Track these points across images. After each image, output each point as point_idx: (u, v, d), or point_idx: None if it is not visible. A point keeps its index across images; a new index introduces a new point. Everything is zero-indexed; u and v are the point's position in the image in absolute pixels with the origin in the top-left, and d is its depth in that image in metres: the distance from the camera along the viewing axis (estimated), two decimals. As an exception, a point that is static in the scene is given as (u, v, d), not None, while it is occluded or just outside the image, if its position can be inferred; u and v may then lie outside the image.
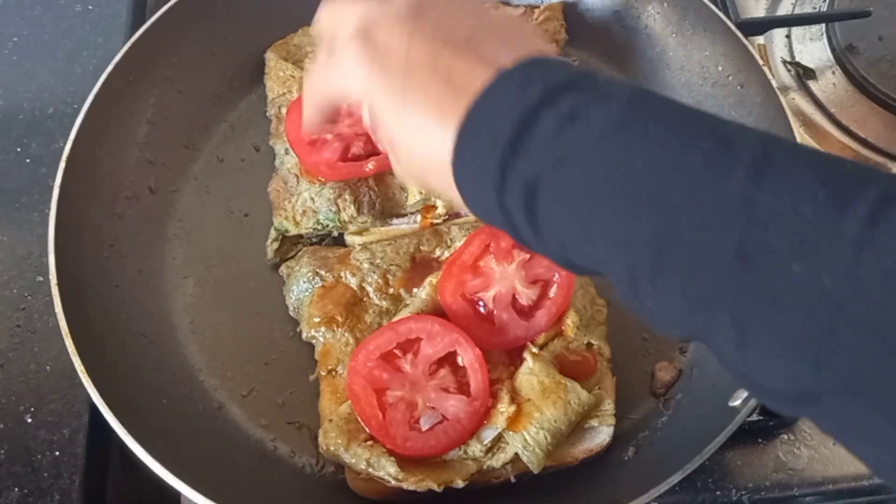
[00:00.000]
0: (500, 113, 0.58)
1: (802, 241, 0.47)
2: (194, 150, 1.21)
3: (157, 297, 1.10)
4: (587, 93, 0.57)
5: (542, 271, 1.01)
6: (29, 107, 1.23)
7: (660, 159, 0.52)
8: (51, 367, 1.04)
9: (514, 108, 0.57)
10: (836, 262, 0.46)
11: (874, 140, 1.27)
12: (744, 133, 0.53)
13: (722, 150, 0.52)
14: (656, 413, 1.04)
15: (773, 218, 0.48)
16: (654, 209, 0.52)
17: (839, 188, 0.48)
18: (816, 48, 1.36)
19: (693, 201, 0.51)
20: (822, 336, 0.46)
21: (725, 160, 0.51)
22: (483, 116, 0.59)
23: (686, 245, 0.51)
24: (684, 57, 1.23)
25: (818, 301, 0.46)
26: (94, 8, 1.33)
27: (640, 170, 0.53)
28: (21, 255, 1.11)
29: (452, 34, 0.64)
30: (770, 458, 1.04)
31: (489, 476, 0.95)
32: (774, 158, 0.51)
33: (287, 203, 1.11)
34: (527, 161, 0.56)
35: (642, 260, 0.53)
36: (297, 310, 1.07)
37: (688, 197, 0.51)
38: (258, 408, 1.04)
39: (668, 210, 0.52)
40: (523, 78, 0.59)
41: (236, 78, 1.26)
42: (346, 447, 0.93)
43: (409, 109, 0.63)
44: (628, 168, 0.53)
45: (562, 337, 1.01)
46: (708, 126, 0.54)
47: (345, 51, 0.68)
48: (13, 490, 0.97)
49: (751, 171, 0.50)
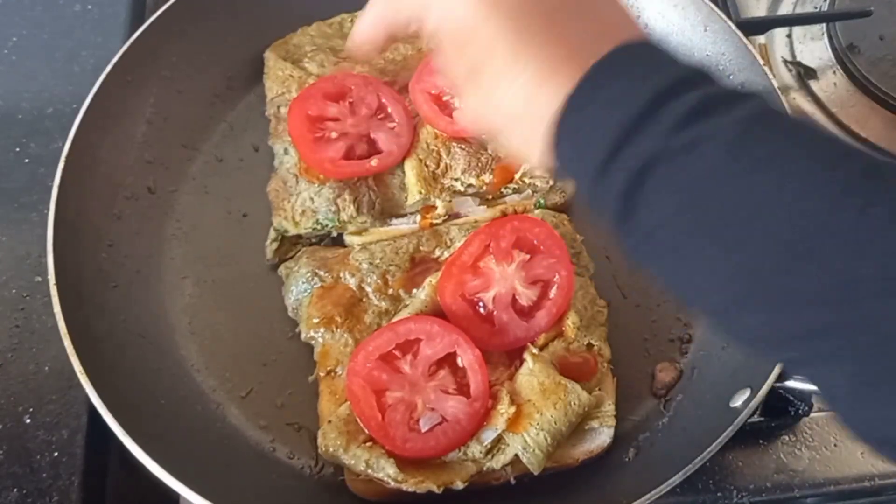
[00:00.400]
0: (625, 86, 0.57)
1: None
2: (193, 149, 1.21)
3: (155, 298, 1.10)
4: (714, 90, 0.56)
5: (543, 272, 1.00)
6: (28, 107, 1.23)
7: (794, 183, 0.50)
8: (49, 368, 1.04)
9: (642, 87, 0.56)
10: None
11: (875, 140, 1.27)
12: (877, 165, 0.51)
13: (860, 180, 0.49)
14: (657, 414, 1.04)
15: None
16: (773, 232, 0.49)
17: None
18: (817, 48, 1.36)
19: (825, 229, 0.48)
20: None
21: (863, 189, 0.49)
22: (605, 82, 0.58)
23: (811, 270, 0.48)
24: (684, 57, 1.22)
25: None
26: (93, 8, 1.33)
27: (770, 187, 0.50)
28: (20, 255, 1.11)
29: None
30: (771, 460, 1.03)
31: (489, 477, 0.95)
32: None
33: (286, 203, 1.11)
34: (649, 140, 0.54)
35: (756, 281, 0.51)
36: (296, 310, 1.07)
37: (822, 224, 0.48)
38: (257, 409, 1.04)
39: (791, 235, 0.49)
40: (649, 58, 0.59)
41: (235, 78, 1.25)
42: (346, 448, 0.93)
43: (519, 57, 0.61)
44: (757, 182, 0.51)
45: (562, 338, 1.01)
46: (843, 153, 0.52)
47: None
48: (12, 490, 0.96)
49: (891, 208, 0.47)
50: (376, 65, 1.19)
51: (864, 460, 1.04)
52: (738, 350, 1.02)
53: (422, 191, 1.10)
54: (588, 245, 1.09)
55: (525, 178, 1.12)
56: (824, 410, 1.06)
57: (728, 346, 1.05)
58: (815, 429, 1.06)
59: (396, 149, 1.12)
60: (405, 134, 1.13)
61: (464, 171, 1.11)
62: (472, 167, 1.11)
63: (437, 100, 1.14)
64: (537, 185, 1.13)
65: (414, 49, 1.21)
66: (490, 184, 1.12)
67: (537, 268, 1.00)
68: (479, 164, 1.11)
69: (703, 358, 1.07)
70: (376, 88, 1.15)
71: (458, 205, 1.13)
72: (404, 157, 1.12)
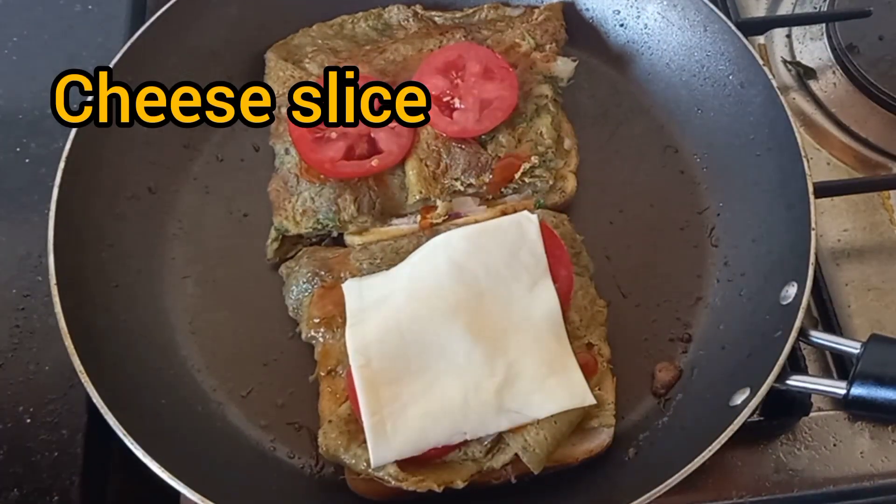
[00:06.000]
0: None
1: None
2: (194, 150, 1.21)
3: (156, 298, 1.10)
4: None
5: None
6: (29, 107, 1.23)
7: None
8: (50, 368, 1.04)
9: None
10: None
11: (874, 140, 1.27)
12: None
13: None
14: (656, 413, 1.04)
15: None
16: None
17: None
18: (817, 48, 1.36)
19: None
20: None
21: None
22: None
23: None
24: (684, 57, 1.23)
25: None
26: (93, 8, 1.33)
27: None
28: (20, 255, 1.11)
29: None
30: (770, 459, 1.04)
31: (489, 477, 0.95)
32: None
33: (287, 203, 1.11)
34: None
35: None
36: (296, 310, 1.07)
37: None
38: (258, 408, 1.04)
39: None
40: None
41: (236, 78, 1.25)
42: (346, 448, 0.93)
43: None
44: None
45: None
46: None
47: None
48: (13, 490, 0.97)
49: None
50: (377, 65, 1.19)
51: (864, 460, 1.04)
52: (737, 350, 1.03)
53: (422, 191, 1.10)
54: (588, 245, 1.09)
55: (525, 178, 1.12)
56: (824, 410, 1.06)
57: (728, 346, 1.05)
58: (814, 429, 1.06)
59: (397, 149, 1.12)
60: (405, 134, 1.13)
61: (464, 171, 1.11)
62: (472, 167, 1.11)
63: (437, 100, 1.14)
64: (537, 185, 1.13)
65: (414, 49, 1.21)
66: (490, 184, 1.12)
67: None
68: (479, 164, 1.11)
69: (702, 358, 1.07)
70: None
71: (458, 205, 1.13)
72: (405, 158, 1.12)
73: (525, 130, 1.14)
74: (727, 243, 1.14)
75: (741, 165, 1.15)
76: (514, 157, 1.12)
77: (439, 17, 1.29)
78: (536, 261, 1.03)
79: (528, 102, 1.15)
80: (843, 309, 1.14)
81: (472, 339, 0.96)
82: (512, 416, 0.93)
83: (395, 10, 1.28)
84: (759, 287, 1.05)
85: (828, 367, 1.10)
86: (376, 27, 1.28)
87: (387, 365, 0.95)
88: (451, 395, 0.94)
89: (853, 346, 0.92)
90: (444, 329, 0.97)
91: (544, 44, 1.21)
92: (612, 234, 1.15)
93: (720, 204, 1.17)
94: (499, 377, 0.95)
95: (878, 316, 1.14)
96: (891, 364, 0.89)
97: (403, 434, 0.92)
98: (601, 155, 1.22)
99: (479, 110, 1.13)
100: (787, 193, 1.06)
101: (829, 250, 1.19)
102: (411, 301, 1.00)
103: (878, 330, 1.06)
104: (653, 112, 1.25)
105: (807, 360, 1.07)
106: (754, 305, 1.05)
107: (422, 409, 0.93)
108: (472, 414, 0.93)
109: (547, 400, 0.94)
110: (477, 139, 1.13)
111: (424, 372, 0.96)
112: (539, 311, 1.00)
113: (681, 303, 1.11)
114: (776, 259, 1.05)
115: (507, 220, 1.06)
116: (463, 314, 0.98)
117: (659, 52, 1.25)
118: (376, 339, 0.97)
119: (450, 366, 0.95)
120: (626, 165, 1.21)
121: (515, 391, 0.94)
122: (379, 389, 0.94)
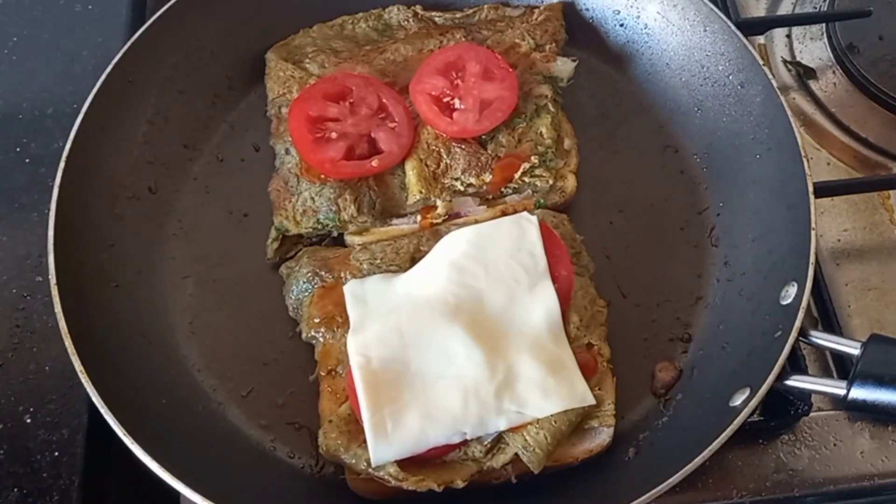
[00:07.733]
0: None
1: None
2: (194, 150, 1.21)
3: (156, 298, 1.10)
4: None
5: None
6: (29, 107, 1.23)
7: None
8: (50, 368, 1.04)
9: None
10: None
11: (874, 140, 1.27)
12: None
13: None
14: (656, 413, 1.04)
15: None
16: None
17: None
18: (817, 48, 1.36)
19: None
20: None
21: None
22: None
23: None
24: (684, 57, 1.23)
25: None
26: (94, 8, 1.33)
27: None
28: (20, 255, 1.11)
29: None
30: (771, 459, 1.04)
31: (489, 476, 0.95)
32: None
33: (287, 203, 1.11)
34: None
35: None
36: (296, 310, 1.07)
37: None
38: (258, 408, 1.04)
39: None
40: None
41: (236, 78, 1.26)
42: (346, 448, 0.93)
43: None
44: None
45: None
46: None
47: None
48: (12, 490, 0.97)
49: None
50: (377, 66, 1.19)
51: (864, 460, 1.04)
52: (737, 350, 1.03)
53: (422, 191, 1.10)
54: (588, 245, 1.09)
55: (525, 178, 1.12)
56: (824, 410, 1.06)
57: (728, 346, 1.05)
58: (814, 428, 1.06)
59: (397, 149, 1.12)
60: (406, 134, 1.13)
61: (464, 171, 1.11)
62: (472, 167, 1.11)
63: (437, 101, 1.14)
64: (537, 185, 1.13)
65: (415, 50, 1.21)
66: (490, 184, 1.12)
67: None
68: (479, 164, 1.11)
69: (702, 358, 1.07)
70: (377, 89, 1.15)
71: (458, 205, 1.13)
72: (405, 158, 1.13)
73: (525, 130, 1.14)
74: (727, 243, 1.14)
75: (741, 165, 1.15)
76: (514, 156, 1.12)
77: (439, 17, 1.29)
78: (536, 261, 1.03)
79: (528, 102, 1.15)
80: (843, 309, 1.14)
81: (472, 340, 0.96)
82: (512, 416, 0.93)
83: (395, 10, 1.28)
84: (759, 287, 1.05)
85: (828, 367, 1.10)
86: (376, 28, 1.28)
87: (387, 365, 0.95)
88: (451, 394, 0.94)
89: (853, 346, 0.92)
90: (444, 329, 0.97)
91: (544, 44, 1.21)
92: (612, 234, 1.15)
93: (720, 204, 1.17)
94: (499, 377, 0.95)
95: (878, 316, 1.14)
96: (891, 364, 0.89)
97: (403, 434, 0.92)
98: (601, 155, 1.22)
99: (479, 110, 1.13)
100: (787, 193, 1.06)
101: (829, 250, 1.19)
102: (411, 301, 1.00)
103: (878, 330, 1.06)
104: (653, 112, 1.25)
105: (807, 360, 1.07)
106: (754, 305, 1.05)
107: (422, 409, 0.93)
108: (472, 414, 0.93)
109: (547, 400, 0.94)
110: (477, 139, 1.13)
111: (424, 372, 0.96)
112: (539, 312, 1.00)
113: (681, 303, 1.11)
114: (776, 259, 1.05)
115: (506, 221, 1.06)
116: (463, 315, 0.98)
117: (659, 52, 1.25)
118: (377, 339, 0.97)
119: (450, 366, 0.96)
120: (626, 165, 1.21)
121: (515, 391, 0.94)
122: (379, 389, 0.94)
